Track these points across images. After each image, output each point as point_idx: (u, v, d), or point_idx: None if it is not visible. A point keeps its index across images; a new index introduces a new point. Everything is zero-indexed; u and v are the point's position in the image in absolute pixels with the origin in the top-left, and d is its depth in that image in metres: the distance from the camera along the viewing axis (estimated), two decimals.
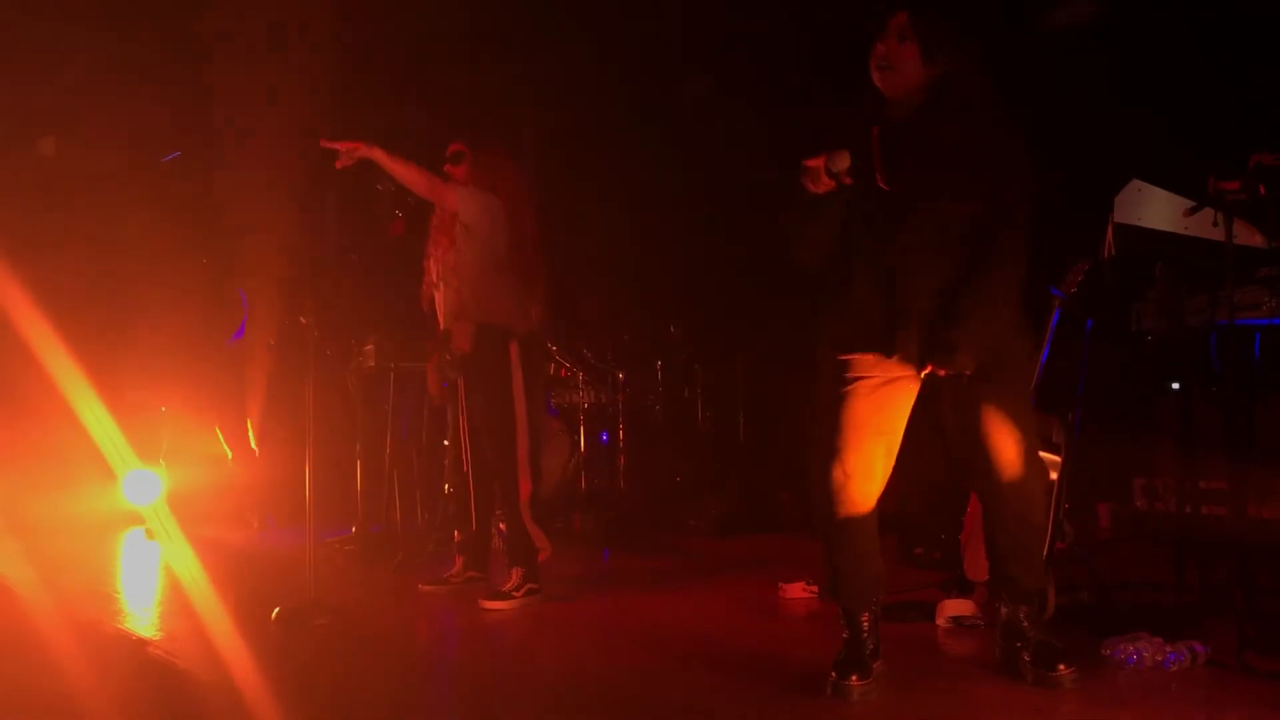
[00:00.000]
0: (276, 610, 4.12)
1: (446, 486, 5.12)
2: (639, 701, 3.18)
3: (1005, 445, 3.13)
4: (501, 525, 5.24)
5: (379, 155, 4.37)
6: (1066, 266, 3.98)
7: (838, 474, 3.12)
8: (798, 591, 4.54)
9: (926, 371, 3.10)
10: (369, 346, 5.89)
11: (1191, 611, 3.82)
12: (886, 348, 3.09)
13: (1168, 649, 3.28)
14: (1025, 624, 3.22)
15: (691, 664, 3.54)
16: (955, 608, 3.94)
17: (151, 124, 7.50)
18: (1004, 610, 3.26)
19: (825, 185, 3.02)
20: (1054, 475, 3.68)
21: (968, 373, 3.08)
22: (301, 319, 4.24)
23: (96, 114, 7.05)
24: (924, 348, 3.06)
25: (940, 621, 3.93)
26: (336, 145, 4.32)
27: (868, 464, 3.13)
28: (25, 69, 6.84)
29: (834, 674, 3.09)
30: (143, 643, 3.93)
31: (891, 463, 3.18)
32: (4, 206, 6.82)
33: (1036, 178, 3.12)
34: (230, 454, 7.30)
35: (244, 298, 7.32)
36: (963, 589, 4.04)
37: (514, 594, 4.47)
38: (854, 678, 3.06)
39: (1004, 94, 3.18)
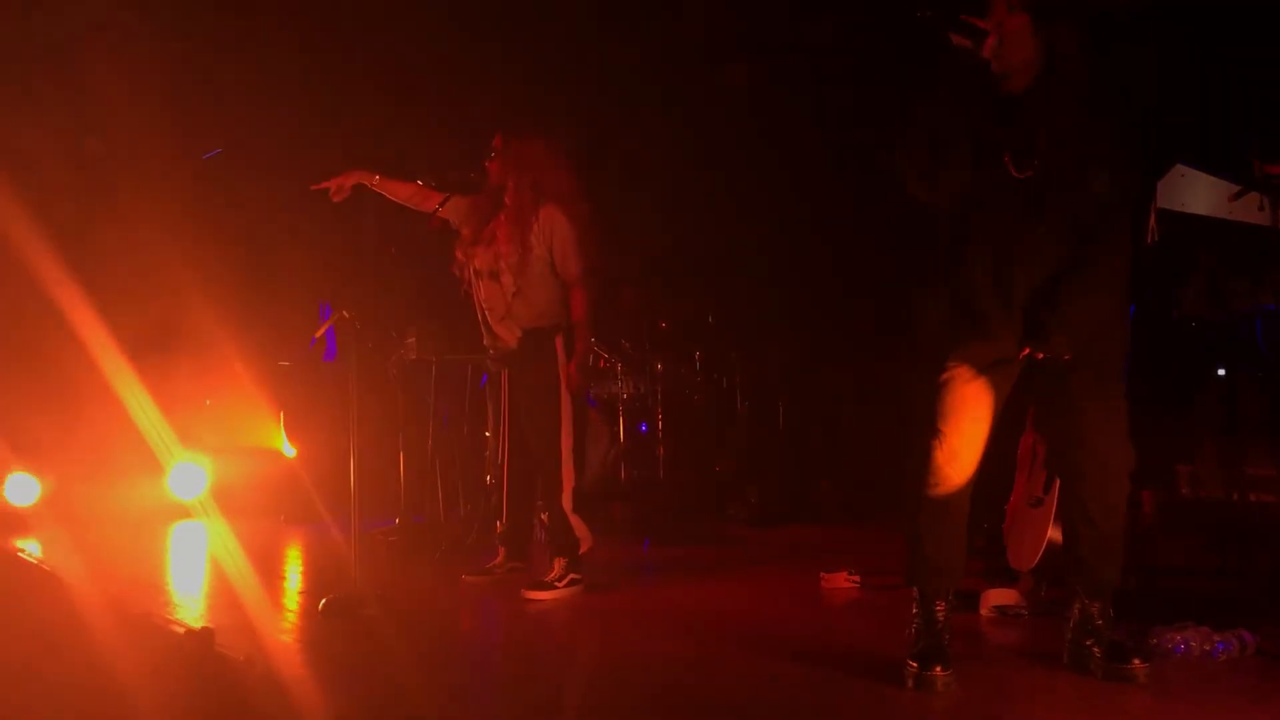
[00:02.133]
0: (324, 601, 4.17)
1: (488, 477, 5.16)
2: (680, 690, 3.20)
3: (1097, 431, 3.09)
4: (543, 516, 5.27)
5: (373, 180, 4.48)
6: None
7: (939, 456, 3.10)
8: (840, 581, 4.53)
9: (1024, 355, 3.07)
10: (410, 339, 5.93)
11: (1239, 599, 3.79)
12: (994, 332, 3.07)
13: (1216, 638, 3.26)
14: (1099, 621, 3.14)
15: (733, 653, 3.55)
16: (999, 597, 3.93)
17: (196, 121, 7.58)
18: (1076, 605, 3.18)
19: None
20: None
21: (1066, 358, 3.03)
22: (344, 313, 4.27)
23: (143, 111, 7.12)
24: (1025, 331, 3.03)
25: (984, 611, 3.92)
26: (325, 185, 4.40)
27: (968, 448, 3.11)
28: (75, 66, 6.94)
29: (915, 664, 3.04)
30: (192, 633, 3.98)
31: (983, 449, 3.16)
32: (54, 202, 6.92)
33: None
34: (294, 448, 7.37)
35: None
36: (1006, 578, 4.02)
37: (556, 584, 4.50)
38: (938, 668, 3.01)
39: None
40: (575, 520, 4.59)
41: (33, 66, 6.94)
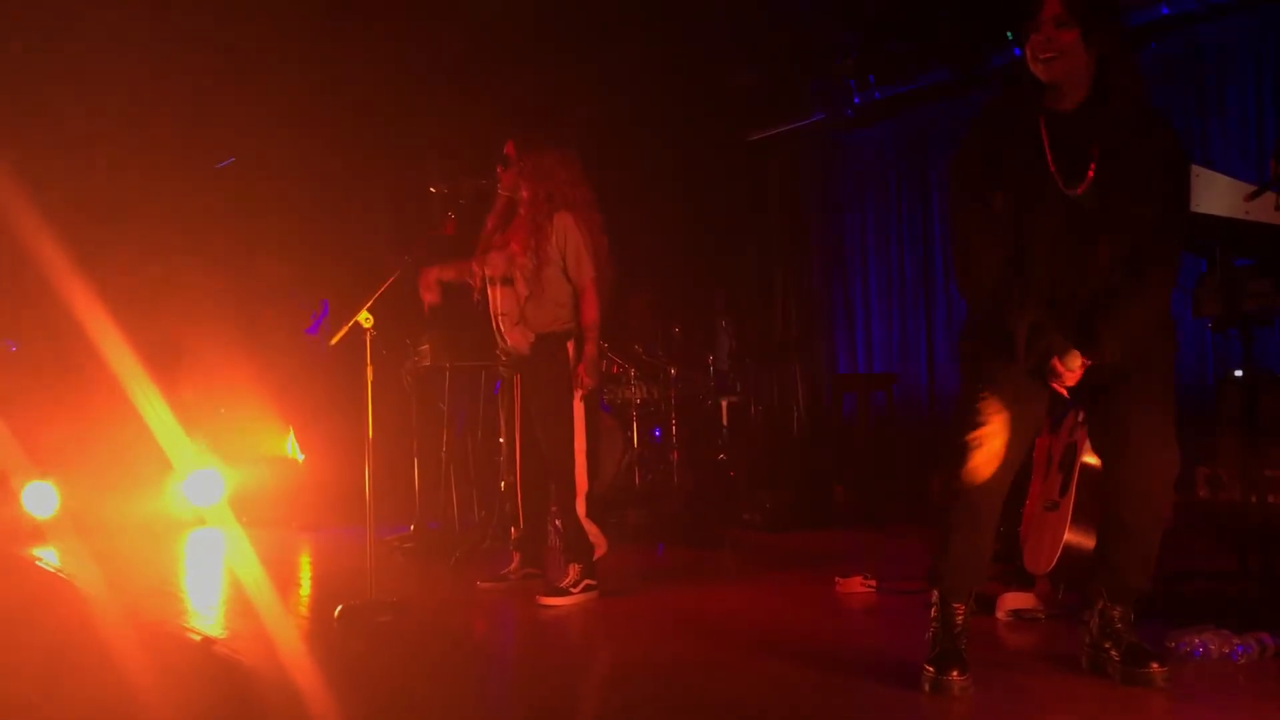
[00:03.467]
0: (339, 608, 4.17)
1: (502, 483, 5.16)
2: (695, 695, 3.19)
3: (1144, 441, 3.05)
4: (557, 522, 5.27)
5: (444, 274, 4.72)
6: None
7: (979, 456, 3.06)
8: (855, 586, 4.52)
9: (1079, 364, 3.02)
10: (424, 345, 5.95)
11: (1258, 602, 3.75)
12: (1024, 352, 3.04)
13: (1235, 641, 3.23)
14: (1119, 626, 3.10)
15: (749, 658, 3.54)
16: (1015, 600, 3.91)
17: (211, 131, 7.62)
18: (1098, 608, 3.13)
19: None
20: None
21: (1113, 362, 3.01)
22: (360, 320, 4.29)
23: (156, 123, 7.18)
24: (1076, 337, 3.00)
25: (1000, 614, 3.90)
26: (426, 297, 4.68)
27: (1009, 451, 3.08)
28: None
29: (931, 669, 3.03)
30: (208, 641, 3.99)
31: (1018, 460, 3.15)
32: (70, 214, 6.97)
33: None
34: (301, 456, 7.40)
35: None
36: (1022, 581, 4.00)
37: (571, 590, 4.50)
38: (954, 673, 3.00)
39: None
40: (589, 525, 4.59)
41: (50, 78, 6.99)
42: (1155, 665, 3.01)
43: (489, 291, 4.74)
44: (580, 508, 4.59)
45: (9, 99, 6.98)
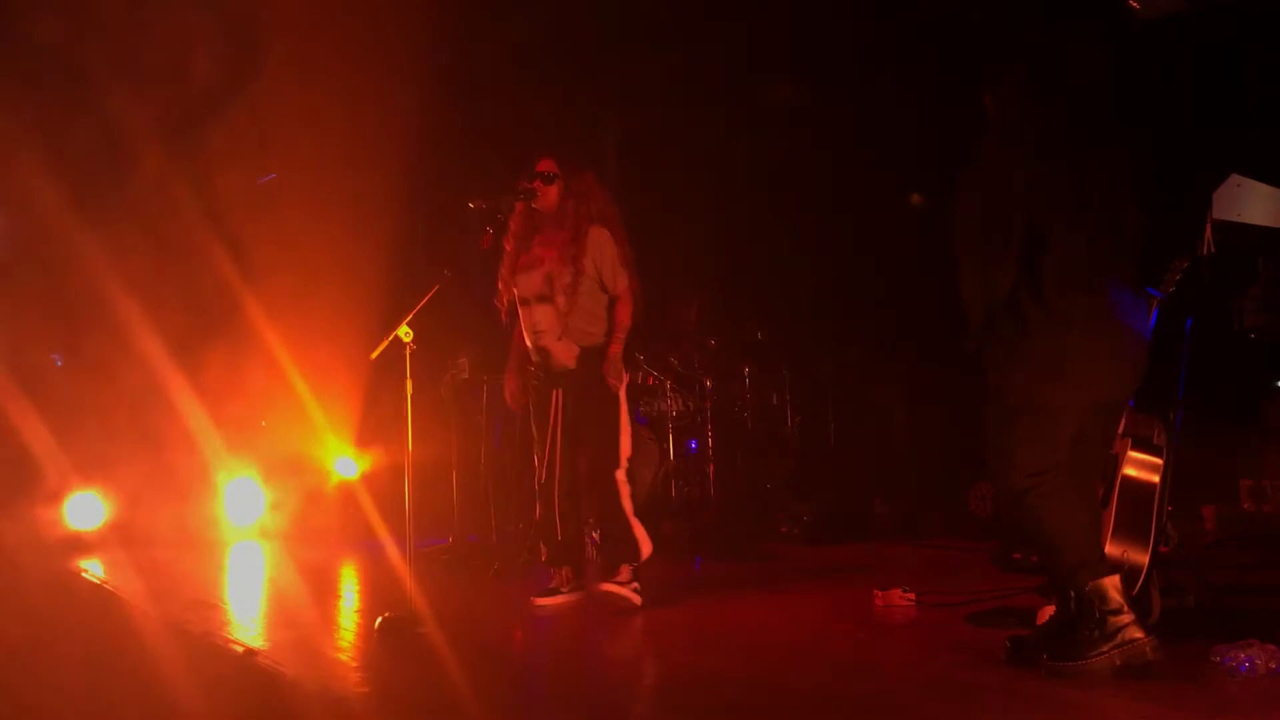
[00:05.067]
0: (379, 620, 4.21)
1: (538, 506, 5.18)
2: (738, 710, 3.19)
3: None
4: (594, 535, 5.30)
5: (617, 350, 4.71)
6: (1164, 265, 3.90)
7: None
8: (895, 599, 4.49)
9: None
10: (462, 359, 6.00)
11: None
12: None
13: None
14: None
15: (790, 672, 3.53)
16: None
17: (248, 143, 7.72)
18: None
19: None
20: (1155, 478, 3.61)
21: None
22: (400, 335, 4.34)
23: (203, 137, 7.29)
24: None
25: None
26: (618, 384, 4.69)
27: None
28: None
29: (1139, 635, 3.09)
30: (250, 652, 4.04)
31: None
32: (114, 229, 7.09)
33: None
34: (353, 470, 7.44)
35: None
36: None
37: (631, 585, 4.61)
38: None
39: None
40: (639, 528, 4.69)
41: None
42: None
43: (523, 312, 4.79)
44: (628, 505, 4.69)
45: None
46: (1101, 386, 3.27)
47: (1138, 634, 3.09)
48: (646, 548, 4.68)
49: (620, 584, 4.60)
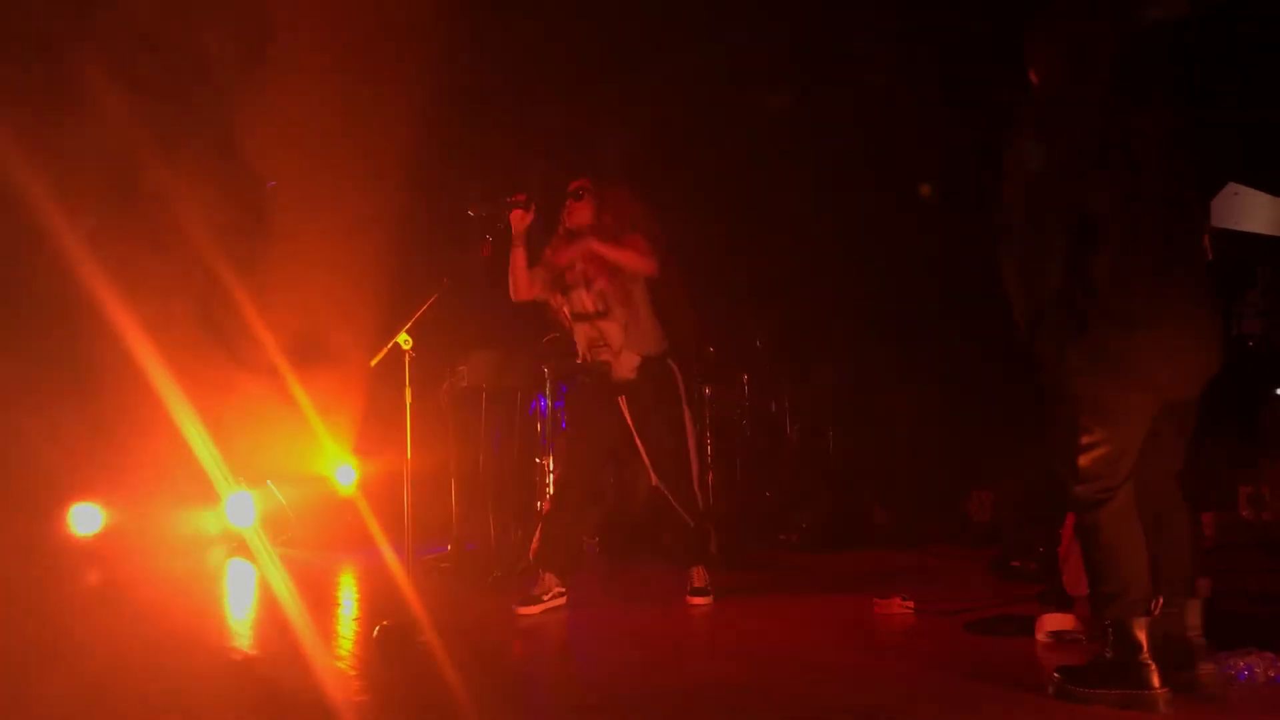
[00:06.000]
0: (378, 628, 4.20)
1: (539, 504, 5.20)
2: (735, 715, 3.18)
3: None
4: (594, 543, 5.30)
5: (599, 248, 4.68)
6: None
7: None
8: (894, 607, 4.49)
9: None
10: (462, 367, 6.00)
11: None
12: None
13: None
14: None
15: (789, 681, 3.53)
16: (1055, 622, 3.88)
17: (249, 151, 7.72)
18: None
19: None
20: None
21: None
22: (400, 342, 4.34)
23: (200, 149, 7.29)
24: None
25: (1040, 636, 3.86)
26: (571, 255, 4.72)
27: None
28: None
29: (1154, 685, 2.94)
30: (249, 661, 4.03)
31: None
32: (112, 235, 7.08)
33: None
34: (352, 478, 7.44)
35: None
36: (1062, 603, 3.97)
37: (709, 588, 4.82)
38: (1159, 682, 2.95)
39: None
40: (710, 527, 4.94)
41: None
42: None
43: (578, 328, 4.86)
44: (703, 509, 4.87)
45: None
46: (1169, 385, 3.02)
47: (1154, 684, 2.94)
48: (714, 542, 4.97)
49: (700, 593, 4.83)
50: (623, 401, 4.79)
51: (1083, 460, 3.02)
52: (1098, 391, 2.99)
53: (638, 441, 4.80)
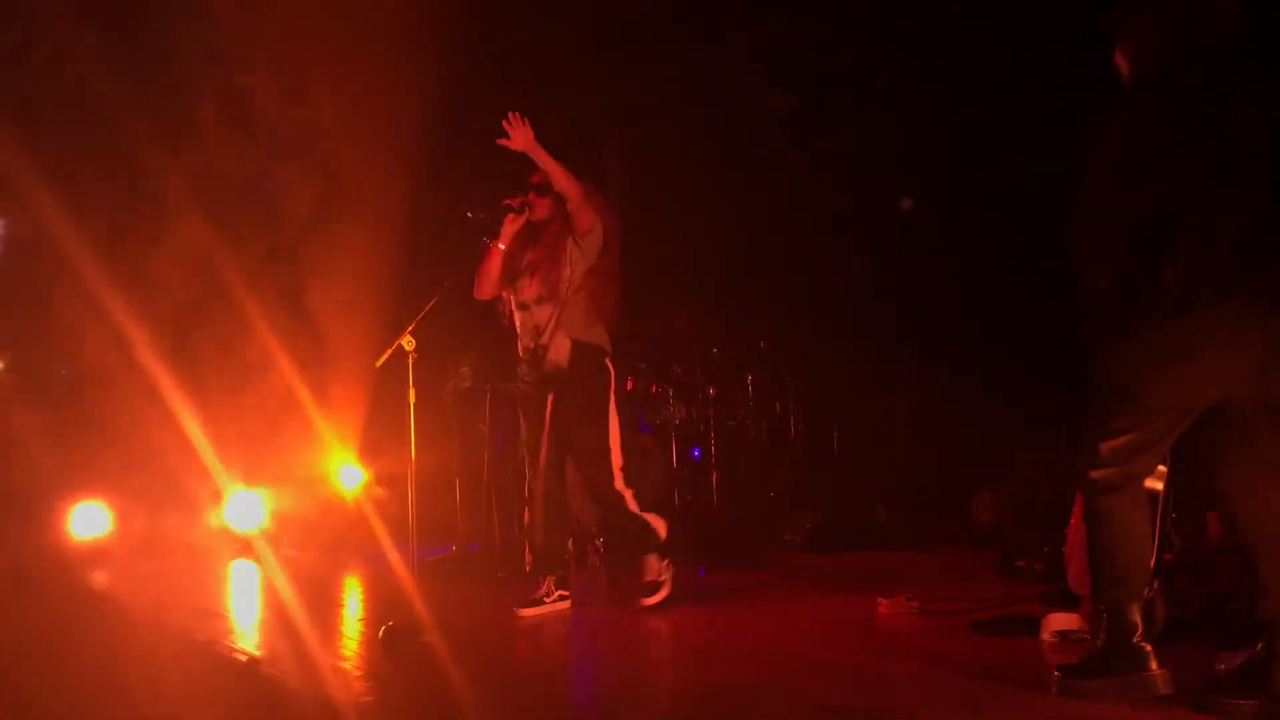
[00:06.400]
0: (383, 629, 4.21)
1: (525, 513, 5.20)
2: (740, 716, 3.18)
3: None
4: (598, 543, 5.29)
5: (538, 153, 4.56)
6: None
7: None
8: (899, 607, 4.49)
9: None
10: (465, 368, 6.00)
11: None
12: None
13: None
14: None
15: (792, 681, 3.53)
16: (1060, 622, 3.87)
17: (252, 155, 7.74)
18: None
19: None
20: (1159, 485, 3.60)
21: None
22: (403, 344, 4.35)
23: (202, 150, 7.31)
24: None
25: (1045, 635, 3.86)
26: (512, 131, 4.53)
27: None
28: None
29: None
30: (254, 662, 4.03)
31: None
32: (116, 238, 7.10)
33: None
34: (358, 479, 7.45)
35: None
36: (1066, 602, 3.96)
37: (661, 579, 4.75)
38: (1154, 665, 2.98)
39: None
40: (650, 517, 4.77)
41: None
42: None
43: (520, 318, 4.82)
44: (632, 505, 4.73)
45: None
46: (1216, 386, 2.91)
47: (1152, 666, 2.97)
48: (663, 529, 4.79)
49: (650, 589, 4.73)
50: (550, 400, 4.77)
51: (1104, 445, 3.00)
52: (1138, 382, 2.94)
53: (549, 435, 4.76)
